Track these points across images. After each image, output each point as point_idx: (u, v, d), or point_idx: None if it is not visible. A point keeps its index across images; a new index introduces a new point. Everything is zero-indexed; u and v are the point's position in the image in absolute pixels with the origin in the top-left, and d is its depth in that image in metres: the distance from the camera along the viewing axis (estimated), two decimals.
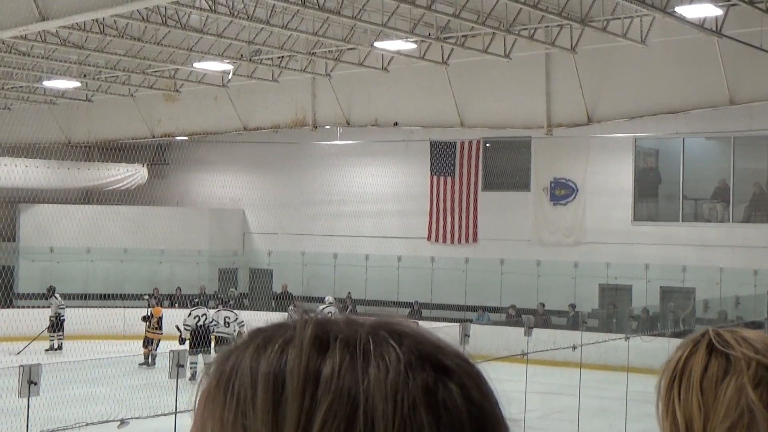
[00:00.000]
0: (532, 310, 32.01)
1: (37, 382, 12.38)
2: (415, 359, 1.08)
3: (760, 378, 1.76)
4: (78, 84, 35.10)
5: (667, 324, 29.46)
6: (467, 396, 1.08)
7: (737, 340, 1.82)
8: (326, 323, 1.11)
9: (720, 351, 1.81)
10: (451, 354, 1.11)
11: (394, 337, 1.09)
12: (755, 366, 1.77)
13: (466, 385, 1.08)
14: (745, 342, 1.81)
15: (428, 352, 1.10)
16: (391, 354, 1.07)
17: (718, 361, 1.81)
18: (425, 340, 1.11)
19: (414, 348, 1.09)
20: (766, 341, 1.82)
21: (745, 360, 1.78)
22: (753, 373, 1.76)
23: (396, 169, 37.52)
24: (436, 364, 1.08)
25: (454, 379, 1.08)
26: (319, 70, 33.12)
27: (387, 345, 1.08)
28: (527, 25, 27.53)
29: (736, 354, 1.79)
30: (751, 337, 1.83)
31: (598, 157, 33.23)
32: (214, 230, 40.66)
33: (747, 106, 28.30)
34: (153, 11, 25.57)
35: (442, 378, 1.07)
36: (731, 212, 31.75)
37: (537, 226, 34.65)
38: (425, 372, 1.07)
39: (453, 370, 1.09)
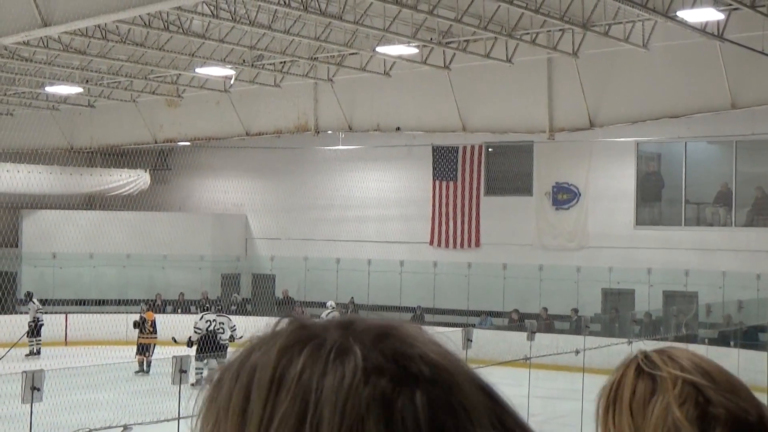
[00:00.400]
0: (535, 315, 32.03)
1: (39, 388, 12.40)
2: (376, 366, 1.03)
3: (686, 395, 1.77)
4: (80, 90, 35.13)
5: (670, 328, 29.40)
6: (432, 408, 1.01)
7: (664, 360, 1.83)
8: (310, 326, 1.09)
9: (647, 372, 1.82)
10: (426, 361, 1.04)
11: (368, 341, 1.05)
12: (681, 384, 1.78)
13: (432, 397, 1.02)
14: (671, 361, 1.82)
15: (396, 357, 1.04)
16: (351, 360, 1.03)
17: (645, 383, 1.82)
18: (404, 344, 1.06)
19: (382, 353, 1.04)
20: (693, 359, 1.83)
21: (671, 379, 1.79)
22: (679, 391, 1.77)
23: (398, 174, 37.52)
24: (399, 372, 1.03)
25: (421, 389, 1.02)
26: (321, 75, 33.13)
27: (352, 349, 1.04)
28: (529, 30, 27.54)
29: (662, 374, 1.80)
30: (679, 356, 1.84)
31: (601, 162, 33.22)
32: (216, 235, 40.66)
33: (749, 110, 28.29)
34: (155, 17, 25.58)
35: (404, 387, 1.02)
36: (734, 216, 31.74)
37: (539, 230, 34.65)
38: (384, 379, 1.02)
39: (418, 378, 1.03)
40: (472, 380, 1.07)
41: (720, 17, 24.20)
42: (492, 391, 1.09)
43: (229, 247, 40.86)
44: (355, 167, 38.16)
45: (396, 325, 1.09)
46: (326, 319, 1.10)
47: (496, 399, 1.08)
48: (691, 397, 1.77)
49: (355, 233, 37.88)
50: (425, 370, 1.04)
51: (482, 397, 1.07)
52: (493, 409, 1.07)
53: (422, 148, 36.19)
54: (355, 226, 38.01)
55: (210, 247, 40.24)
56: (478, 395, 1.06)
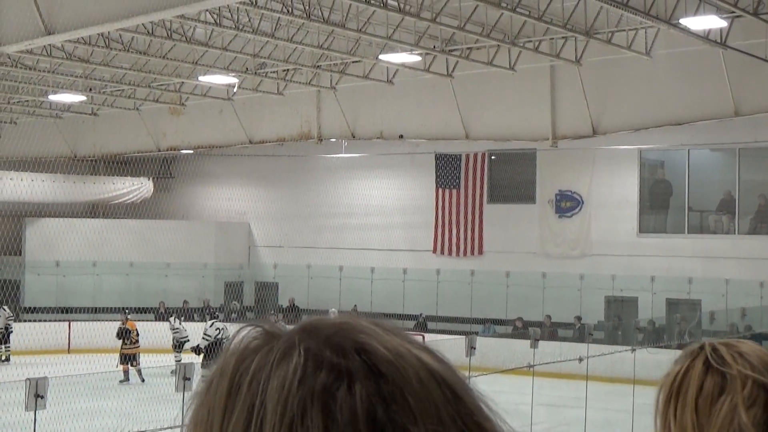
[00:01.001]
0: (539, 323, 31.98)
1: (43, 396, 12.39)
2: (318, 362, 1.05)
3: (755, 398, 1.74)
4: (83, 98, 35.17)
5: (673, 336, 29.41)
6: (371, 400, 1.03)
7: (733, 357, 1.79)
8: (269, 333, 1.11)
9: (716, 369, 1.80)
10: (372, 355, 1.06)
11: (315, 340, 1.07)
12: (750, 385, 1.74)
13: (372, 390, 1.03)
14: (741, 358, 1.79)
15: (342, 352, 1.06)
16: (294, 359, 1.05)
17: (714, 379, 1.79)
18: (352, 339, 1.07)
19: (329, 350, 1.06)
20: (762, 356, 1.80)
21: (741, 378, 1.76)
22: (747, 393, 1.74)
23: (401, 182, 37.53)
24: (342, 366, 1.04)
25: (361, 382, 1.03)
26: (324, 83, 33.16)
27: (297, 349, 1.06)
28: (532, 38, 27.55)
29: (732, 372, 1.77)
30: (748, 353, 1.80)
31: (603, 169, 33.23)
32: (219, 243, 40.68)
33: (752, 118, 28.28)
34: (158, 25, 25.61)
35: (345, 380, 1.03)
36: (737, 224, 31.72)
37: (542, 238, 34.65)
38: (325, 373, 1.04)
39: (361, 371, 1.04)
40: (430, 374, 1.07)
41: (723, 25, 24.21)
42: (457, 388, 1.08)
43: (232, 255, 40.88)
44: (358, 175, 38.19)
45: (349, 321, 1.10)
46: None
47: (459, 395, 1.08)
48: (760, 401, 1.74)
49: (358, 241, 37.89)
50: (369, 363, 1.05)
51: (439, 391, 1.06)
52: (453, 404, 1.06)
53: (425, 156, 36.20)
54: (358, 234, 38.02)
55: (213, 255, 40.25)
56: (434, 389, 1.06)
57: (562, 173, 33.99)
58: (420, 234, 36.73)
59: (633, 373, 21.69)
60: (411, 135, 33.99)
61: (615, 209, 33.03)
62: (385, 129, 34.09)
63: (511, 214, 35.00)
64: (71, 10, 20.87)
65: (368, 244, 37.69)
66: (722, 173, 32.47)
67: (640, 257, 32.34)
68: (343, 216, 38.57)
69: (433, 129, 33.39)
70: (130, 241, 38.61)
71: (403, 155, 36.53)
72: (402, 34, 26.14)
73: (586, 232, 33.79)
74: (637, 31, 26.63)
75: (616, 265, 32.68)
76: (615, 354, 24.03)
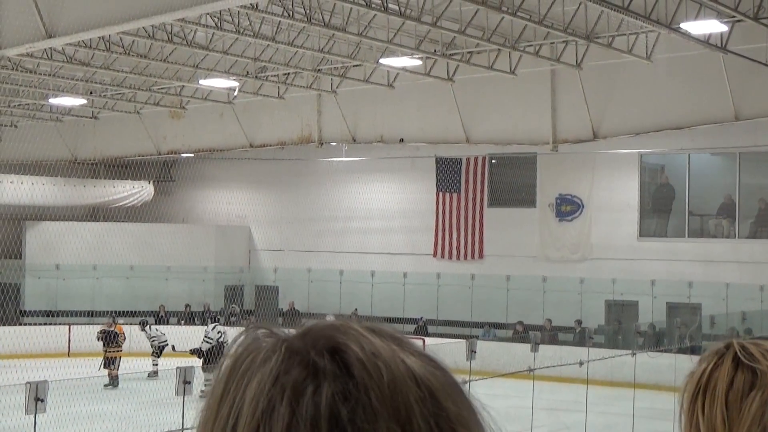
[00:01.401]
0: (539, 327, 32.00)
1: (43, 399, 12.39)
2: (293, 362, 1.07)
3: None
4: (84, 101, 35.18)
5: (673, 340, 29.40)
6: (335, 400, 1.05)
7: (763, 354, 1.80)
8: (275, 333, 1.14)
9: (746, 365, 1.79)
10: (346, 356, 1.08)
11: (297, 342, 1.10)
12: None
13: (339, 390, 1.05)
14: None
15: (319, 353, 1.08)
16: (272, 361, 1.08)
17: (744, 375, 1.79)
18: (333, 341, 1.09)
19: (311, 351, 1.08)
20: None
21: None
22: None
23: (402, 186, 37.54)
24: (314, 366, 1.07)
25: (330, 382, 1.06)
26: (325, 87, 33.17)
27: (279, 351, 1.10)
28: (532, 42, 27.56)
29: (762, 368, 1.77)
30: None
31: (604, 173, 33.24)
32: (220, 247, 40.67)
33: (752, 122, 28.29)
34: (159, 28, 25.62)
35: (315, 380, 1.06)
36: (737, 228, 31.73)
37: (543, 242, 34.65)
38: (297, 372, 1.06)
39: (332, 371, 1.06)
40: (409, 378, 1.08)
41: (723, 29, 24.21)
42: (438, 393, 1.08)
43: (233, 258, 40.89)
44: (359, 179, 38.19)
45: (338, 324, 1.13)
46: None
47: (439, 400, 1.08)
48: None
49: (358, 245, 37.88)
50: (341, 364, 1.07)
51: (417, 395, 1.07)
52: (431, 409, 1.07)
53: (426, 160, 36.20)
54: (358, 238, 38.02)
55: (213, 259, 40.25)
56: (408, 393, 1.06)
57: (562, 177, 33.99)
58: (420, 238, 36.74)
59: (633, 377, 21.70)
60: (411, 139, 34.00)
61: (615, 213, 33.03)
62: (386, 133, 34.10)
63: (512, 218, 35.00)
64: (72, 14, 20.88)
65: (369, 248, 37.69)
66: (722, 177, 32.47)
67: (640, 261, 32.33)
68: (343, 220, 38.58)
69: (434, 133, 33.40)
70: (130, 244, 38.60)
71: (404, 159, 36.54)
72: (403, 38, 26.15)
73: (586, 236, 33.79)
74: (637, 35, 26.64)
75: (617, 268, 32.68)
76: (615, 358, 24.03)
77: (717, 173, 32.90)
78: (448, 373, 1.12)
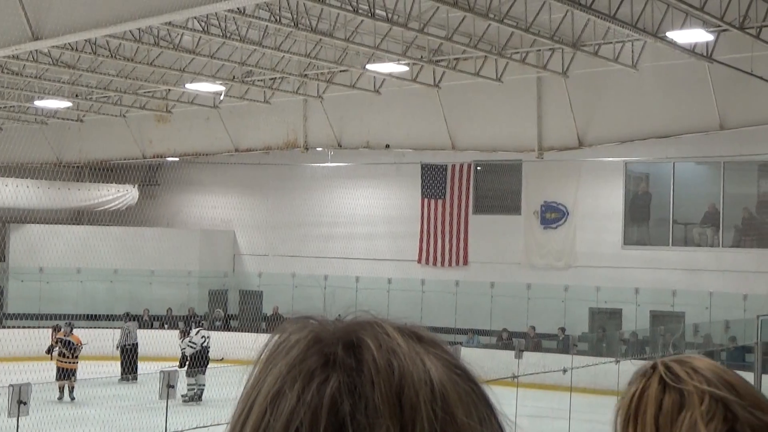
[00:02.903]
0: (523, 333, 32.01)
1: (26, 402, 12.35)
2: (311, 350, 1.10)
3: (713, 412, 1.74)
4: (69, 104, 35.09)
5: (657, 348, 29.45)
6: (340, 393, 1.06)
7: (688, 373, 1.79)
8: (319, 321, 1.17)
9: (672, 386, 1.80)
10: (361, 351, 1.10)
11: (326, 331, 1.13)
12: (708, 400, 1.75)
13: (346, 383, 1.07)
14: (696, 374, 1.79)
15: (334, 343, 1.11)
16: (300, 344, 1.12)
17: (671, 396, 1.78)
18: (354, 336, 1.12)
19: (324, 339, 1.12)
20: (716, 371, 1.79)
21: (697, 394, 1.76)
22: (706, 408, 1.74)
23: (387, 192, 37.53)
24: (328, 358, 1.09)
25: (339, 374, 1.08)
26: (311, 92, 33.17)
27: (308, 336, 1.13)
28: (519, 49, 27.62)
29: (688, 388, 1.77)
30: (702, 368, 1.80)
31: (589, 181, 33.28)
32: (204, 251, 40.60)
33: (737, 131, 28.39)
34: (145, 32, 25.60)
35: (326, 371, 1.08)
36: (721, 237, 31.79)
37: (527, 249, 34.66)
38: (313, 361, 1.09)
39: (334, 364, 1.08)
40: (423, 381, 1.08)
41: (709, 38, 24.31)
42: (451, 399, 1.08)
43: (217, 263, 40.81)
44: (344, 184, 38.17)
45: (368, 319, 1.17)
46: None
47: (451, 407, 1.08)
48: (718, 414, 1.74)
49: (343, 250, 37.86)
50: (355, 358, 1.09)
51: (428, 397, 1.07)
52: (441, 414, 1.07)
53: (411, 166, 36.21)
54: (343, 244, 37.99)
55: (198, 263, 40.16)
56: (418, 395, 1.07)
57: (547, 185, 34.03)
58: (405, 244, 36.72)
59: (617, 384, 21.68)
60: (397, 145, 34.02)
61: (600, 221, 33.06)
62: (372, 139, 34.12)
63: (497, 225, 35.01)
64: (58, 16, 20.82)
65: (353, 254, 37.67)
66: (707, 186, 32.55)
67: (624, 269, 32.38)
68: (328, 225, 38.54)
69: (420, 139, 33.42)
70: (114, 248, 38.47)
71: (389, 165, 36.55)
72: (389, 44, 26.18)
73: (571, 243, 33.83)
74: (623, 43, 26.71)
75: (601, 276, 32.71)
76: (599, 365, 24.04)
77: (701, 182, 32.98)
78: (474, 384, 1.13)
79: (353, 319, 1.17)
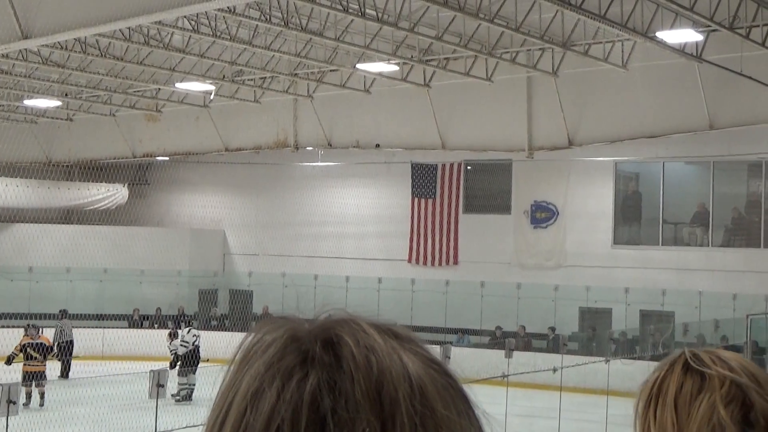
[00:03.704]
0: (513, 333, 32.03)
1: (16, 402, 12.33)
2: (288, 348, 1.11)
3: (733, 396, 1.78)
4: (59, 103, 35.02)
5: (646, 347, 29.49)
6: (320, 389, 1.07)
7: (713, 360, 1.84)
8: (292, 322, 1.17)
9: (695, 369, 1.83)
10: (340, 348, 1.10)
11: (303, 330, 1.14)
12: (728, 384, 1.79)
13: (325, 379, 1.07)
14: (720, 361, 1.83)
15: (312, 340, 1.11)
16: (271, 350, 1.11)
17: (693, 379, 1.83)
18: (333, 333, 1.12)
19: (301, 338, 1.12)
20: (741, 361, 1.84)
21: (719, 378, 1.80)
22: (726, 391, 1.78)
23: (377, 191, 37.53)
24: (304, 353, 1.10)
25: (318, 371, 1.08)
26: (301, 92, 33.16)
27: (284, 335, 1.13)
28: (509, 49, 27.64)
29: (710, 372, 1.81)
30: (727, 357, 1.85)
31: (579, 181, 33.31)
32: (194, 251, 40.54)
33: (726, 131, 28.43)
34: (135, 31, 25.56)
35: (305, 368, 1.08)
36: (710, 236, 31.85)
37: (517, 249, 34.69)
38: (291, 358, 1.09)
39: (312, 361, 1.09)
40: (402, 376, 1.09)
41: (699, 38, 24.35)
42: (429, 394, 1.09)
43: (207, 262, 40.75)
44: (334, 184, 38.16)
45: (344, 317, 1.17)
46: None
47: (430, 401, 1.09)
48: (737, 398, 1.77)
49: (333, 250, 37.86)
50: (334, 355, 1.09)
51: (407, 392, 1.08)
52: (419, 408, 1.08)
53: (401, 166, 36.22)
54: (333, 243, 37.98)
55: (188, 263, 40.10)
56: (397, 389, 1.08)
57: (537, 184, 34.06)
58: (395, 243, 36.73)
59: (607, 384, 21.76)
60: (387, 144, 34.01)
61: (590, 221, 33.11)
62: (362, 138, 34.11)
63: (487, 225, 35.03)
64: (48, 15, 20.78)
65: (343, 253, 37.67)
66: (696, 186, 32.61)
67: (614, 269, 32.41)
68: (318, 225, 38.53)
69: (410, 138, 33.43)
70: (104, 247, 38.39)
71: (379, 164, 36.55)
72: (380, 44, 26.18)
73: (561, 243, 33.86)
74: (613, 43, 26.75)
75: (591, 276, 32.74)
76: (589, 365, 24.09)
77: (691, 182, 33.04)
78: (452, 379, 1.14)
79: (329, 317, 1.17)
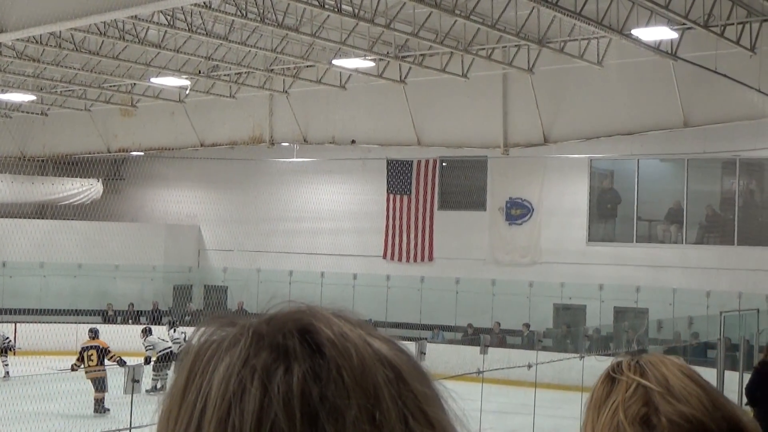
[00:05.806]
0: (488, 329, 32.09)
1: None
2: (262, 345, 1.09)
3: (635, 399, 1.80)
4: (33, 97, 34.87)
5: (620, 344, 29.62)
6: (306, 379, 1.06)
7: (630, 367, 1.87)
8: (237, 321, 1.16)
9: (610, 376, 1.87)
10: (316, 337, 1.10)
11: (265, 325, 1.12)
12: (633, 388, 1.81)
13: (309, 369, 1.07)
14: (640, 368, 1.85)
15: (287, 335, 1.10)
16: (240, 345, 1.10)
17: (605, 385, 1.88)
18: (301, 323, 1.11)
19: (278, 334, 1.10)
20: (669, 367, 1.84)
21: (626, 383, 1.83)
22: (629, 395, 1.81)
23: (352, 187, 37.52)
24: (283, 348, 1.08)
25: (300, 362, 1.07)
26: (277, 87, 33.11)
27: (246, 335, 1.11)
28: (485, 45, 27.67)
29: (621, 377, 1.85)
30: (656, 362, 1.86)
31: (554, 178, 33.40)
32: (169, 246, 40.43)
33: (701, 129, 28.56)
34: (111, 25, 25.46)
35: (285, 361, 1.07)
36: (684, 234, 31.99)
37: (492, 245, 34.75)
38: (267, 354, 1.08)
39: (303, 352, 1.08)
40: (375, 357, 1.10)
41: (674, 36, 24.46)
42: (404, 372, 1.11)
43: (182, 257, 40.66)
44: (310, 180, 38.12)
45: (304, 308, 1.15)
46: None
47: (405, 379, 1.10)
48: (638, 402, 1.80)
49: (308, 246, 37.82)
50: (311, 344, 1.09)
51: (383, 373, 1.09)
52: (396, 387, 1.09)
53: (377, 162, 36.22)
54: (308, 239, 37.95)
55: (162, 258, 39.99)
56: (375, 370, 1.09)
57: (513, 181, 34.13)
58: (370, 239, 36.73)
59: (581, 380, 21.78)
60: (363, 140, 34.00)
61: (565, 217, 33.20)
62: (337, 134, 34.08)
63: (462, 221, 35.08)
64: (22, 9, 20.68)
65: (318, 249, 37.64)
66: (671, 183, 32.74)
67: (589, 265, 32.50)
68: (293, 221, 38.50)
69: (385, 135, 33.42)
70: (78, 242, 38.23)
71: (355, 161, 36.54)
72: (356, 40, 26.17)
73: (536, 239, 33.94)
74: (589, 40, 26.84)
75: (565, 272, 32.84)
76: (563, 361, 24.18)
77: (666, 179, 33.17)
78: (413, 358, 1.15)
79: (281, 310, 1.15)
